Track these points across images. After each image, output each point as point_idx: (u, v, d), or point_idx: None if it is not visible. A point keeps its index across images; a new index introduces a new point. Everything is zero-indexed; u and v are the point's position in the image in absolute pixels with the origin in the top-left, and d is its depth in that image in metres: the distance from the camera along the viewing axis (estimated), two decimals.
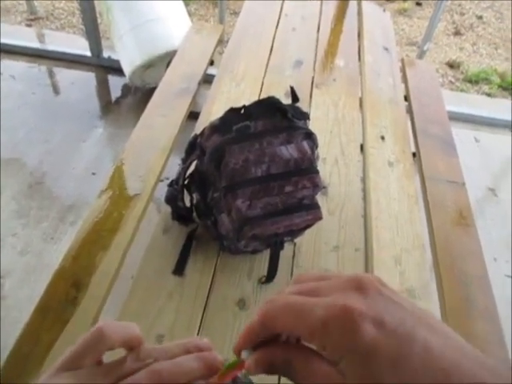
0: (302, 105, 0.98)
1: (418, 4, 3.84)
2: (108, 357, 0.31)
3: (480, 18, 3.76)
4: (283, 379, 0.82)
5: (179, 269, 0.97)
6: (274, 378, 0.83)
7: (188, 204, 1.02)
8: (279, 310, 0.26)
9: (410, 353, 0.23)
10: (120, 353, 0.31)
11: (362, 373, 0.23)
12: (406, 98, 1.66)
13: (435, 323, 0.25)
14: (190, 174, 0.98)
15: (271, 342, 0.28)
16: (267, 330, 0.27)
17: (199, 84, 1.51)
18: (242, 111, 0.88)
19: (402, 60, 1.84)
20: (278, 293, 0.29)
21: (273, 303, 0.27)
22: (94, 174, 2.00)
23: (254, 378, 0.30)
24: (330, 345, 0.24)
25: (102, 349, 0.30)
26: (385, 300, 0.25)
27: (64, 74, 2.55)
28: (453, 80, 3.08)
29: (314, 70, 1.66)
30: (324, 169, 1.26)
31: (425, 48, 2.39)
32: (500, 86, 3.05)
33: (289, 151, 0.85)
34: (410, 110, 1.58)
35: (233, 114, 0.88)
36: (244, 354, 0.29)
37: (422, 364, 0.23)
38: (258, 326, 0.27)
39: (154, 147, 1.24)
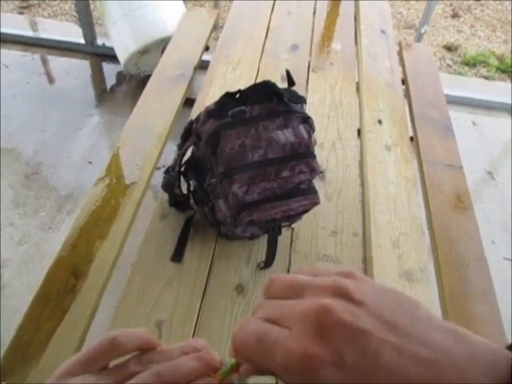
0: (299, 89, 0.97)
1: None
2: None
3: None
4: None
5: (177, 255, 0.97)
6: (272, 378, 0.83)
7: (185, 191, 1.02)
8: (246, 342, 0.27)
9: (375, 378, 0.23)
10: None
11: None
12: (404, 82, 1.65)
13: (408, 327, 0.24)
14: (187, 161, 0.97)
15: None
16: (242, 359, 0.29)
17: (194, 70, 1.50)
18: (238, 96, 0.87)
19: (400, 43, 1.82)
20: (250, 316, 0.30)
21: (239, 334, 0.28)
22: (90, 162, 1.99)
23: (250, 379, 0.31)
24: None
25: (115, 356, 0.31)
26: (346, 333, 0.24)
27: (58, 63, 2.52)
28: (450, 63, 3.06)
29: (311, 53, 1.64)
30: (321, 154, 1.25)
31: (422, 31, 2.36)
32: (498, 69, 3.03)
33: (285, 136, 0.84)
34: (407, 94, 1.57)
35: (228, 98, 0.87)
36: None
37: None
38: (235, 354, 0.29)
39: (150, 134, 1.23)
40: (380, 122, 1.41)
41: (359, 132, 1.39)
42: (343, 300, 0.25)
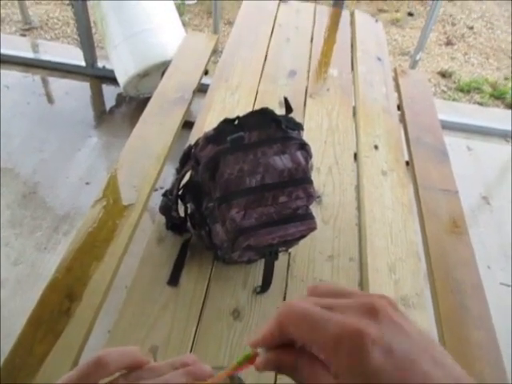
0: (296, 114, 0.99)
1: (410, 14, 3.89)
2: None
3: (471, 28, 3.82)
4: (279, 380, 0.82)
5: (174, 279, 0.97)
6: (271, 378, 0.82)
7: (182, 214, 1.02)
8: (296, 316, 0.27)
9: (411, 379, 0.24)
10: None
11: None
12: (399, 108, 1.67)
13: (438, 355, 0.26)
14: (185, 184, 0.98)
15: (285, 346, 0.29)
16: (283, 334, 0.28)
17: (194, 93, 1.52)
18: (237, 122, 0.88)
19: (395, 70, 1.86)
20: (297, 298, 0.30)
21: (291, 308, 0.28)
22: (87, 183, 2.00)
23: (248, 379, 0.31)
24: (337, 362, 0.25)
25: (101, 377, 0.30)
26: (395, 328, 0.26)
27: (58, 84, 2.55)
28: (445, 89, 3.12)
29: (308, 79, 1.67)
30: (318, 178, 1.27)
31: (417, 58, 2.41)
32: (492, 96, 3.08)
33: (283, 162, 0.85)
34: (403, 119, 1.60)
35: (227, 124, 0.88)
36: (259, 350, 0.30)
37: None
38: (275, 327, 0.28)
39: (148, 156, 1.24)
40: (376, 147, 1.42)
41: (356, 157, 1.41)
42: (390, 306, 0.28)
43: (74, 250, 1.00)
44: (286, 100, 0.93)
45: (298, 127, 0.91)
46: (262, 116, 0.87)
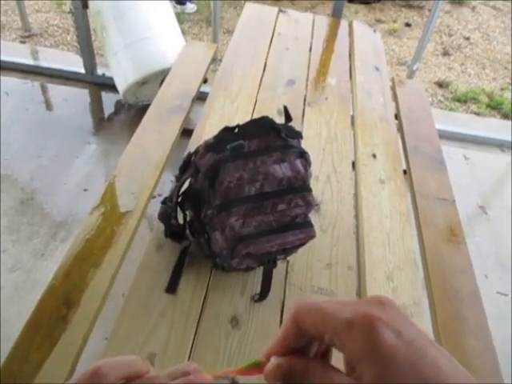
0: (295, 123, 0.99)
1: (408, 25, 3.93)
2: None
3: (467, 38, 3.86)
4: None
5: (172, 287, 0.97)
6: None
7: (181, 221, 1.02)
8: (308, 309, 0.29)
9: (422, 363, 0.25)
10: None
11: (380, 373, 0.25)
12: (397, 117, 1.69)
13: (444, 351, 0.27)
14: (184, 192, 0.98)
15: (296, 354, 0.30)
16: (298, 331, 0.29)
17: (193, 101, 1.53)
18: (236, 130, 0.89)
19: (393, 79, 1.87)
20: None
21: (303, 303, 0.29)
22: (86, 190, 2.00)
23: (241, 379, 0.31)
24: (351, 346, 0.26)
25: None
26: (402, 318, 0.27)
27: (57, 91, 2.56)
28: (442, 99, 3.14)
29: (307, 88, 1.68)
30: (316, 186, 1.27)
31: (414, 68, 2.44)
32: (488, 106, 3.11)
33: (282, 170, 0.86)
34: (400, 129, 1.61)
35: (227, 132, 0.89)
36: (271, 359, 0.30)
37: (434, 375, 0.25)
38: (290, 324, 0.29)
39: (147, 164, 1.25)
40: (374, 155, 1.43)
41: (354, 165, 1.42)
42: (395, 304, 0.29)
43: (72, 257, 0.99)
44: (285, 109, 0.94)
45: (298, 136, 0.92)
46: (261, 124, 0.88)
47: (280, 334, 0.30)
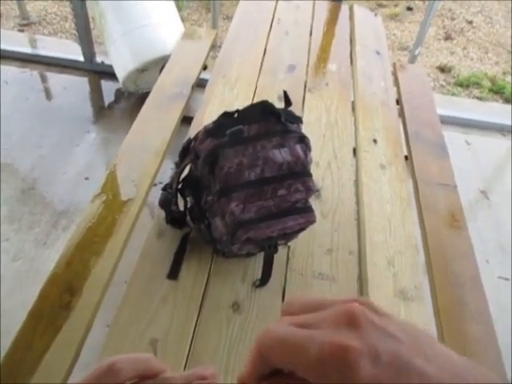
0: (295, 109, 0.99)
1: (409, 9, 3.88)
2: None
3: (470, 22, 3.81)
4: None
5: (173, 273, 0.97)
6: None
7: (182, 208, 1.02)
8: (273, 343, 0.26)
9: (407, 383, 0.23)
10: None
11: None
12: (398, 102, 1.67)
13: (427, 348, 0.25)
14: (184, 178, 0.98)
15: (274, 375, 0.28)
16: (265, 363, 0.27)
17: (192, 88, 1.52)
18: (236, 115, 0.88)
19: (394, 64, 1.85)
20: (274, 322, 0.28)
21: (267, 335, 0.27)
22: (86, 178, 2.00)
23: None
24: (326, 382, 0.24)
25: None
26: (378, 333, 0.25)
27: (57, 79, 2.54)
28: (444, 84, 3.11)
29: (307, 74, 1.67)
30: (317, 172, 1.27)
31: (416, 52, 2.41)
32: (490, 90, 3.08)
33: (282, 155, 0.85)
34: (401, 114, 1.60)
35: (226, 118, 0.88)
36: None
37: None
38: (256, 358, 0.27)
39: (147, 151, 1.24)
40: (375, 141, 1.42)
41: (354, 151, 1.41)
42: (368, 309, 0.26)
43: (74, 246, 1.00)
44: (285, 93, 0.93)
45: (298, 120, 0.91)
46: (261, 109, 0.87)
47: (248, 365, 0.28)
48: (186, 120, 1.42)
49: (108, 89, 2.51)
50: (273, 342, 0.26)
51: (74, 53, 2.58)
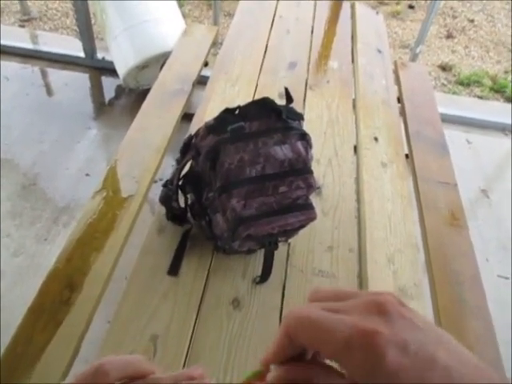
0: (296, 106, 0.99)
1: (411, 7, 3.87)
2: None
3: (472, 21, 3.80)
4: None
5: (174, 269, 0.97)
6: None
7: (182, 204, 1.02)
8: (303, 323, 0.26)
9: (432, 376, 0.23)
10: None
11: None
12: (399, 100, 1.67)
13: (452, 346, 0.25)
14: (185, 175, 0.98)
15: (296, 361, 0.28)
16: (292, 343, 0.27)
17: (193, 85, 1.51)
18: (237, 112, 0.88)
19: (395, 62, 1.85)
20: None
21: (296, 316, 0.27)
22: (87, 174, 2.00)
23: None
24: (352, 366, 0.24)
25: None
26: (407, 323, 0.25)
27: (57, 75, 2.54)
28: (445, 82, 3.11)
29: (308, 71, 1.67)
30: (318, 170, 1.27)
31: (417, 51, 2.41)
32: (491, 89, 3.08)
33: (283, 151, 0.85)
34: (402, 112, 1.59)
35: (228, 114, 0.88)
36: (271, 368, 0.29)
37: None
38: (283, 337, 0.27)
39: (148, 148, 1.24)
40: (376, 139, 1.42)
41: (355, 149, 1.41)
42: (397, 301, 0.27)
43: (74, 241, 1.00)
44: (286, 90, 0.93)
45: (299, 117, 0.91)
46: (262, 106, 0.87)
47: (274, 345, 0.28)
48: (187, 117, 1.42)
49: (109, 85, 2.51)
50: (302, 322, 0.26)
51: (75, 49, 2.58)
